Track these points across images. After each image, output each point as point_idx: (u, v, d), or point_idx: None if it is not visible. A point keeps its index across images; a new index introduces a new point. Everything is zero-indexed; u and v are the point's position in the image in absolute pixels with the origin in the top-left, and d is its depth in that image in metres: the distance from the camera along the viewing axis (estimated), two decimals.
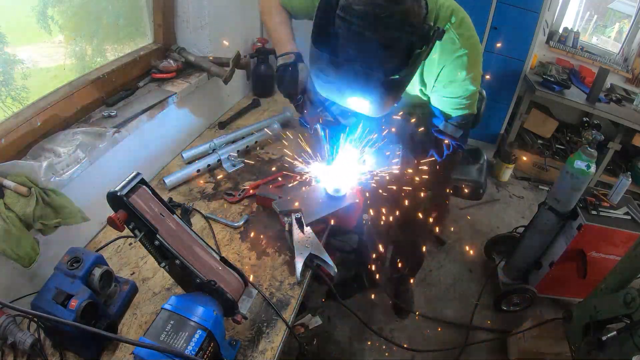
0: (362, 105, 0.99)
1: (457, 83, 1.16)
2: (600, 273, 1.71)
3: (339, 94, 0.99)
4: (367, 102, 0.97)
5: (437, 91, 1.22)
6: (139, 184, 0.86)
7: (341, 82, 0.94)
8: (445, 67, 1.14)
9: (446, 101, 1.22)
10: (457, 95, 1.19)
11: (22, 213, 0.92)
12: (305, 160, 1.35)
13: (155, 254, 0.87)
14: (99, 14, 1.43)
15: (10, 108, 1.14)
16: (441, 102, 1.23)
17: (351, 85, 0.94)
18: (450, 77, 1.16)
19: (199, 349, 0.76)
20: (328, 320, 2.14)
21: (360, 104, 0.99)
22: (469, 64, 1.13)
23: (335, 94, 1.01)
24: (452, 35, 1.10)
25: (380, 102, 0.98)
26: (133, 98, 1.42)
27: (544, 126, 3.56)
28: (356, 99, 0.98)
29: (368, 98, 0.96)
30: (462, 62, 1.12)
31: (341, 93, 0.98)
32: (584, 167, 1.79)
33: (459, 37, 1.10)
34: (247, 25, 2.07)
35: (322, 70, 0.95)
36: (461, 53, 1.11)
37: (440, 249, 2.70)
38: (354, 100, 0.98)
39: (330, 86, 0.98)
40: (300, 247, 1.15)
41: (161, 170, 1.54)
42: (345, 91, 0.96)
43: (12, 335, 0.85)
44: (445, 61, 1.13)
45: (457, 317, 2.27)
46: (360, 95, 0.96)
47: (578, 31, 3.56)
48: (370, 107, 1.00)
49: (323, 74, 0.95)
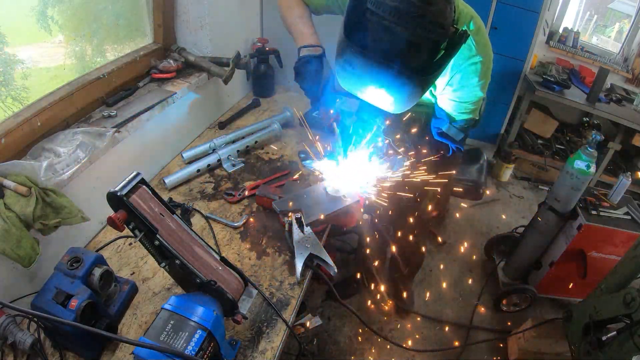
0: (384, 100, 0.99)
1: (468, 88, 1.18)
2: (600, 273, 1.71)
3: (362, 87, 0.99)
4: (389, 98, 0.97)
5: (446, 94, 1.23)
6: (139, 184, 0.86)
7: (367, 75, 0.94)
8: (459, 72, 1.16)
9: (454, 105, 1.23)
10: (465, 100, 1.21)
11: (22, 213, 0.92)
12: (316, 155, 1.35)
13: (155, 254, 0.87)
14: (99, 14, 1.43)
15: (10, 108, 1.14)
16: (448, 105, 1.25)
17: (377, 79, 0.93)
18: (463, 82, 1.17)
19: (199, 349, 0.76)
20: (328, 320, 2.14)
21: (382, 99, 0.99)
22: (482, 71, 1.15)
23: (359, 87, 1.00)
24: (470, 42, 1.11)
25: (403, 99, 0.98)
26: (133, 98, 1.42)
27: (544, 126, 3.56)
28: (379, 94, 0.97)
29: (391, 94, 0.96)
30: (475, 69, 1.14)
31: (365, 86, 0.98)
32: (584, 167, 1.79)
33: (476, 44, 1.12)
34: (247, 25, 2.07)
35: (349, 62, 0.94)
36: (476, 60, 1.13)
37: (440, 249, 2.70)
38: (376, 94, 0.98)
39: (354, 79, 0.97)
40: (300, 247, 1.15)
41: (161, 170, 1.54)
42: (370, 85, 0.96)
43: (12, 335, 0.85)
44: (460, 66, 1.15)
45: (457, 317, 2.27)
46: (385, 90, 0.95)
47: (578, 31, 3.56)
48: (392, 103, 0.99)
49: (349, 66, 0.94)
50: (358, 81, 0.97)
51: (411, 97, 0.98)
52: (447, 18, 0.88)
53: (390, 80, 0.92)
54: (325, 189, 1.29)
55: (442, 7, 0.87)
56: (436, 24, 0.87)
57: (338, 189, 1.27)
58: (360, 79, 0.96)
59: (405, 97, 0.98)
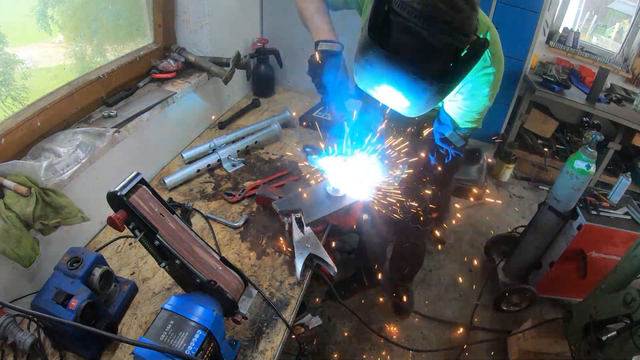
0: (400, 103, 0.97)
1: (477, 98, 1.18)
2: (600, 273, 1.71)
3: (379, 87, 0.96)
4: (406, 102, 0.96)
5: (455, 101, 1.22)
6: (139, 184, 0.86)
7: (386, 76, 0.92)
8: (471, 81, 1.15)
9: (461, 113, 1.23)
10: (472, 109, 1.21)
11: (22, 213, 0.92)
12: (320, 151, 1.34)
13: (155, 254, 0.87)
14: (99, 13, 1.43)
15: (10, 108, 1.14)
16: (455, 112, 1.24)
17: (397, 82, 0.91)
18: (473, 92, 1.17)
19: (199, 349, 0.76)
20: (328, 320, 2.14)
21: (398, 101, 0.97)
22: (493, 83, 1.15)
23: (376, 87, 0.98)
24: (485, 53, 1.08)
25: (420, 104, 0.96)
26: (133, 98, 1.42)
27: (544, 126, 3.56)
28: (396, 96, 0.95)
29: (409, 98, 0.94)
30: (488, 80, 1.14)
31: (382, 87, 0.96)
32: (584, 167, 1.79)
33: (491, 56, 1.12)
34: (247, 25, 2.07)
35: (369, 61, 0.91)
36: (489, 71, 1.13)
37: (440, 249, 2.70)
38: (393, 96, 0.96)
39: (373, 78, 0.95)
40: (300, 247, 1.15)
41: (161, 170, 1.54)
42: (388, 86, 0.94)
43: (12, 335, 0.85)
44: (473, 76, 1.14)
45: (457, 317, 2.27)
46: (403, 94, 0.94)
47: (578, 31, 3.56)
48: (408, 107, 0.98)
49: (370, 65, 0.92)
50: (376, 81, 0.95)
51: (429, 103, 0.96)
52: (471, 26, 0.87)
53: (410, 85, 0.90)
54: (326, 189, 1.29)
55: (468, 15, 0.85)
56: (461, 31, 0.85)
57: (338, 188, 1.27)
58: (378, 79, 0.94)
59: (423, 102, 0.96)
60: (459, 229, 2.89)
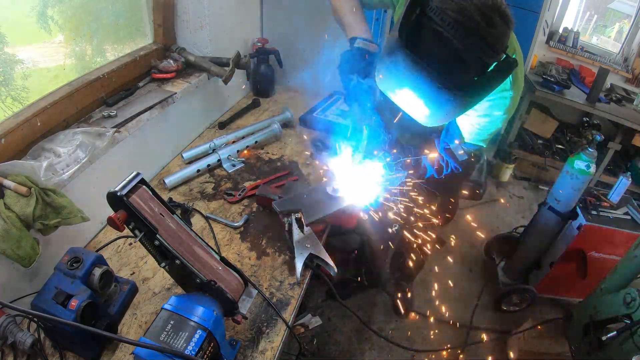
0: (419, 110, 0.94)
1: (491, 118, 1.17)
2: (600, 273, 1.72)
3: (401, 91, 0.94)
4: (425, 109, 0.93)
5: (469, 116, 1.20)
6: (139, 184, 0.85)
7: (410, 81, 0.89)
8: (489, 100, 1.14)
9: (472, 129, 1.22)
10: (484, 129, 1.21)
11: (22, 213, 0.92)
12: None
13: (155, 254, 0.87)
14: (99, 13, 1.43)
15: (10, 108, 1.14)
16: (467, 128, 1.23)
17: (420, 89, 0.89)
18: (489, 111, 1.16)
19: (199, 349, 0.76)
20: (328, 320, 2.14)
21: (417, 108, 0.94)
22: (509, 107, 1.14)
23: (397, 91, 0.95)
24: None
25: (439, 113, 0.93)
26: (133, 98, 1.42)
27: (544, 126, 3.56)
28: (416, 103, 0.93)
29: (429, 106, 0.91)
30: (504, 103, 1.13)
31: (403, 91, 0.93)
32: (584, 167, 1.79)
33: (512, 79, 1.09)
34: (247, 25, 2.07)
35: (395, 63, 0.89)
36: (507, 95, 1.12)
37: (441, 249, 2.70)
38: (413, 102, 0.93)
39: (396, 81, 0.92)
40: (300, 247, 1.15)
41: (161, 170, 1.54)
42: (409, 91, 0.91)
43: (12, 335, 0.85)
44: (493, 95, 1.11)
45: (457, 317, 2.27)
46: (425, 100, 0.91)
47: (578, 31, 3.56)
48: (427, 115, 0.95)
49: (395, 67, 0.89)
50: (398, 84, 0.93)
51: (448, 114, 0.95)
52: (503, 43, 0.85)
53: (433, 93, 0.88)
54: (326, 189, 1.29)
55: (502, 32, 0.83)
56: (492, 47, 0.83)
57: (338, 189, 1.27)
58: (401, 83, 0.91)
59: (443, 113, 0.93)
60: (459, 229, 2.89)
